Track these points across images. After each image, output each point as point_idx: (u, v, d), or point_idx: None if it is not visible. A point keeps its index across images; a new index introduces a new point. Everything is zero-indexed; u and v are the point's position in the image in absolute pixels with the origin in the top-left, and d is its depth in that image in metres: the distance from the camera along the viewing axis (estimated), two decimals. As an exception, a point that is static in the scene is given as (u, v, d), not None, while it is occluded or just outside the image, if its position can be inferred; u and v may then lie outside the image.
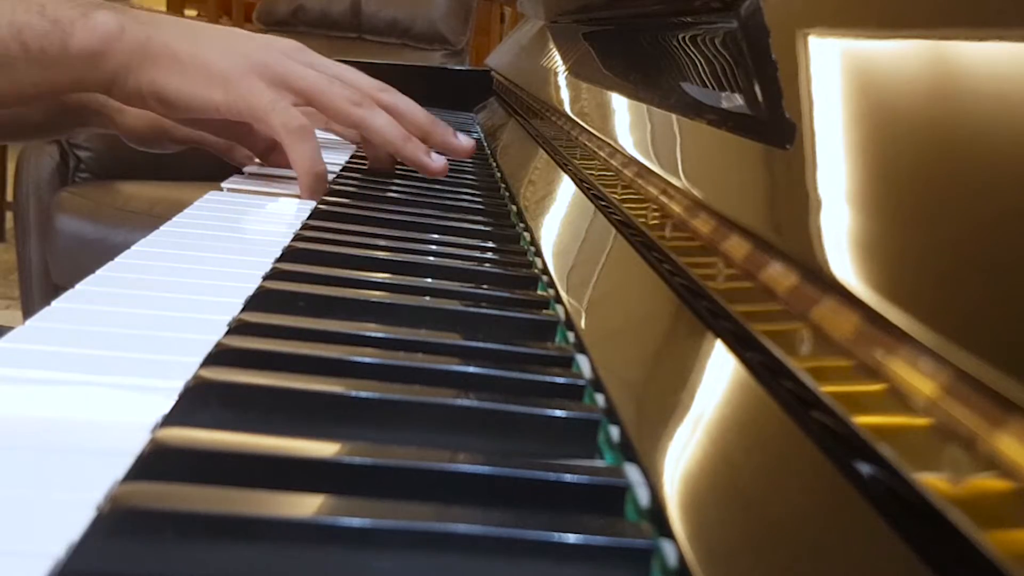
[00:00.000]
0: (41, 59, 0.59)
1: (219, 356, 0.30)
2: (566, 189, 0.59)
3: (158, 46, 0.61)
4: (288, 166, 0.66)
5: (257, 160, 0.78)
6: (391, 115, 0.68)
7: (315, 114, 0.68)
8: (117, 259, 0.42)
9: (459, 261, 0.48)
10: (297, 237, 0.49)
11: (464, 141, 0.73)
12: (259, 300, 0.38)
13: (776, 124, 0.31)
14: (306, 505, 0.22)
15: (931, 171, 0.22)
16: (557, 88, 0.80)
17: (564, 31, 0.98)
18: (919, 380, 0.18)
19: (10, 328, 0.32)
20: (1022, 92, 0.19)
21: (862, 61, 0.28)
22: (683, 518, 0.22)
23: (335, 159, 0.77)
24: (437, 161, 0.69)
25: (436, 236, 0.53)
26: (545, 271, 0.47)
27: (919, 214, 0.21)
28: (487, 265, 0.49)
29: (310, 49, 0.69)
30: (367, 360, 0.31)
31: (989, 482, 0.15)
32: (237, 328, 0.34)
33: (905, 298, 0.20)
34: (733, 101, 0.39)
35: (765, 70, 0.35)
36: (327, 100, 0.65)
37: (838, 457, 0.20)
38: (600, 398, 0.31)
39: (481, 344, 0.35)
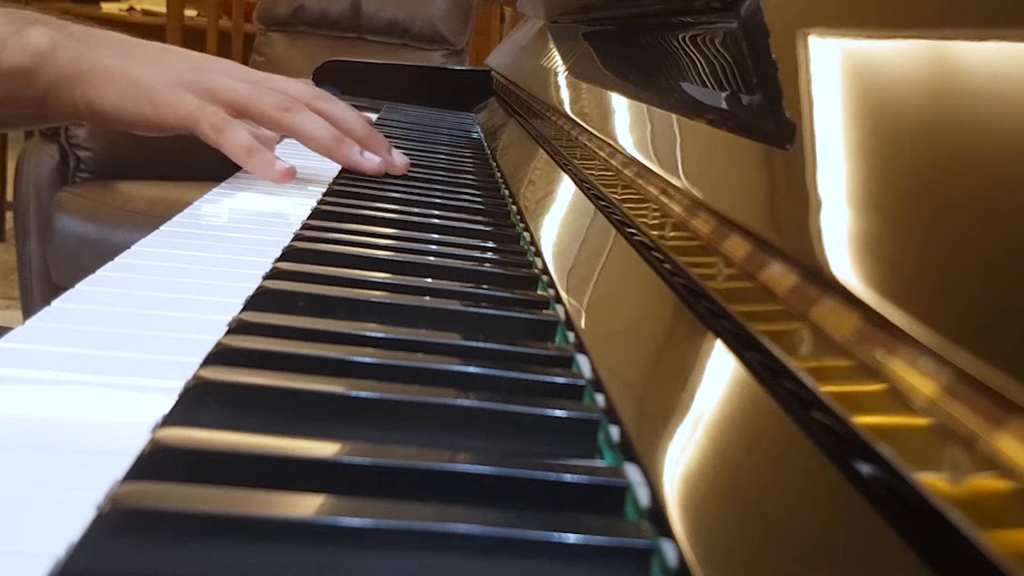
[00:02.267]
0: None
1: (219, 356, 0.30)
2: (566, 189, 0.59)
3: (90, 62, 0.63)
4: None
5: None
6: (327, 118, 0.69)
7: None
8: (117, 259, 0.42)
9: (459, 261, 0.48)
10: (297, 237, 0.49)
11: (399, 159, 0.73)
12: (259, 300, 0.38)
13: (776, 124, 0.31)
14: (306, 505, 0.22)
15: (931, 171, 0.22)
16: (557, 88, 0.80)
17: (564, 31, 0.98)
18: (919, 380, 0.18)
19: (10, 328, 0.32)
20: (1022, 92, 0.19)
21: (862, 61, 0.28)
22: (683, 518, 0.22)
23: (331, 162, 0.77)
24: (370, 160, 0.69)
25: (436, 236, 0.53)
26: (545, 271, 0.47)
27: (919, 214, 0.21)
28: (487, 265, 0.49)
29: (247, 67, 0.71)
30: (367, 360, 0.31)
31: (989, 482, 0.15)
32: (237, 328, 0.34)
33: (905, 298, 0.20)
34: (733, 101, 0.39)
35: (765, 70, 0.35)
36: (256, 108, 0.66)
37: (838, 457, 0.20)
38: (600, 398, 0.31)
39: (481, 344, 0.35)
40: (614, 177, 0.48)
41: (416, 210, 0.60)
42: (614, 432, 0.28)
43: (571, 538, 0.22)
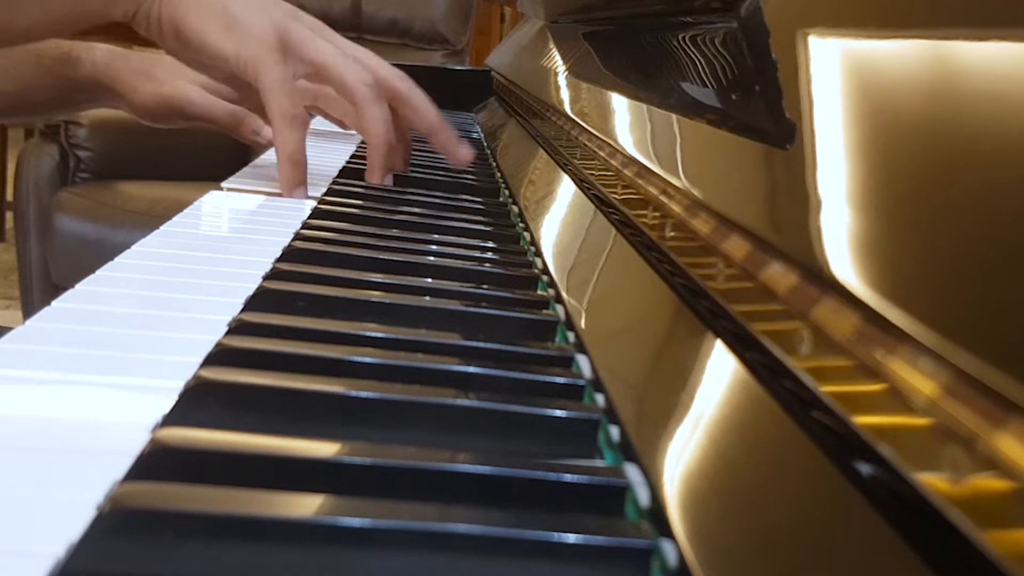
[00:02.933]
0: None
1: (219, 356, 0.30)
2: (566, 189, 0.59)
3: None
4: None
5: (260, 138, 0.78)
6: (405, 104, 0.68)
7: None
8: (117, 259, 0.42)
9: (459, 261, 0.48)
10: (297, 237, 0.49)
11: (465, 152, 0.73)
12: (259, 300, 0.38)
13: (776, 124, 0.31)
14: (306, 505, 0.22)
15: (931, 171, 0.22)
16: (557, 88, 0.80)
17: (564, 31, 0.98)
18: (919, 380, 0.18)
19: (10, 328, 0.32)
20: (1022, 92, 0.19)
21: (862, 61, 0.28)
22: (683, 518, 0.22)
23: (332, 160, 0.77)
24: (387, 180, 0.68)
25: (436, 236, 0.53)
26: (545, 271, 0.47)
27: (919, 214, 0.21)
28: (487, 265, 0.49)
29: (337, 33, 0.69)
30: (367, 360, 0.31)
31: (989, 482, 0.15)
32: (237, 328, 0.34)
33: (905, 298, 0.20)
34: (733, 101, 0.39)
35: (765, 70, 0.35)
36: (337, 73, 0.65)
37: (838, 457, 0.20)
38: (600, 398, 0.31)
39: (481, 344, 0.35)
40: (614, 177, 0.48)
41: (416, 210, 0.60)
42: (614, 432, 0.28)
43: (571, 538, 0.22)
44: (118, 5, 0.62)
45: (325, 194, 0.64)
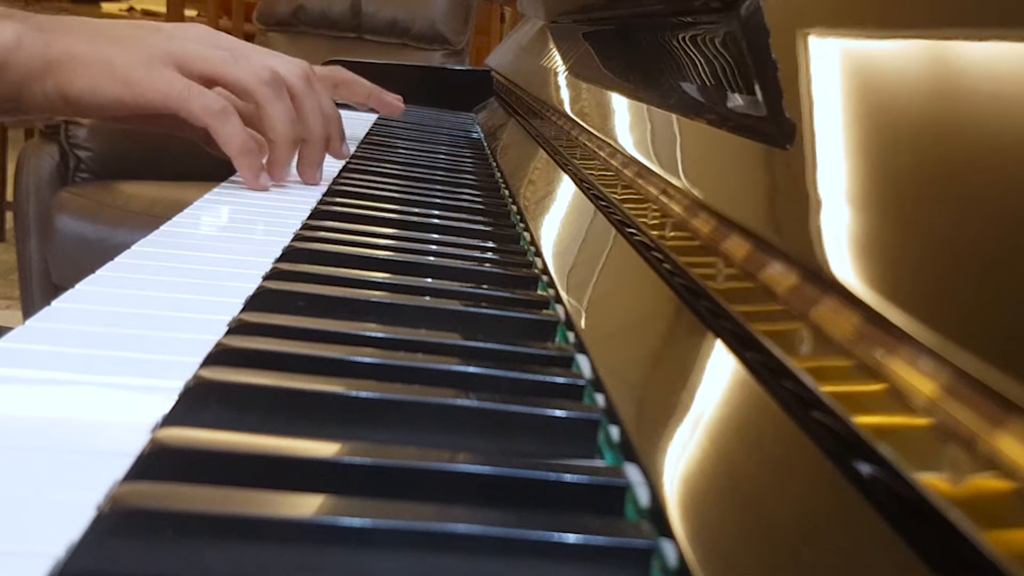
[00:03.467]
0: None
1: (219, 356, 0.30)
2: (566, 189, 0.59)
3: (57, 51, 0.61)
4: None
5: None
6: (338, 83, 0.67)
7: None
8: (117, 259, 0.42)
9: (459, 261, 0.48)
10: (297, 237, 0.49)
11: (397, 101, 0.73)
12: (259, 300, 0.38)
13: (776, 124, 0.31)
14: (306, 505, 0.22)
15: (931, 171, 0.22)
16: (557, 88, 0.80)
17: (564, 31, 0.98)
18: (919, 380, 0.18)
19: (10, 328, 0.32)
20: (1022, 92, 0.19)
21: (862, 61, 0.28)
22: (683, 518, 0.22)
23: (332, 160, 0.77)
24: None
25: (436, 236, 0.53)
26: (545, 271, 0.47)
27: (919, 214, 0.21)
28: (487, 265, 0.49)
29: (226, 35, 0.68)
30: (367, 360, 0.31)
31: (989, 482, 0.15)
32: (237, 328, 0.34)
33: (905, 298, 0.20)
34: (733, 101, 0.39)
35: (765, 70, 0.35)
36: (232, 77, 0.64)
37: (838, 457, 0.20)
38: (600, 398, 0.31)
39: (481, 344, 0.35)
40: (614, 177, 0.48)
41: (416, 210, 0.60)
42: (614, 432, 0.28)
43: (571, 538, 0.22)
44: None
45: (325, 194, 0.64)
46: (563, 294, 0.42)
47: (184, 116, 0.62)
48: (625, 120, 0.54)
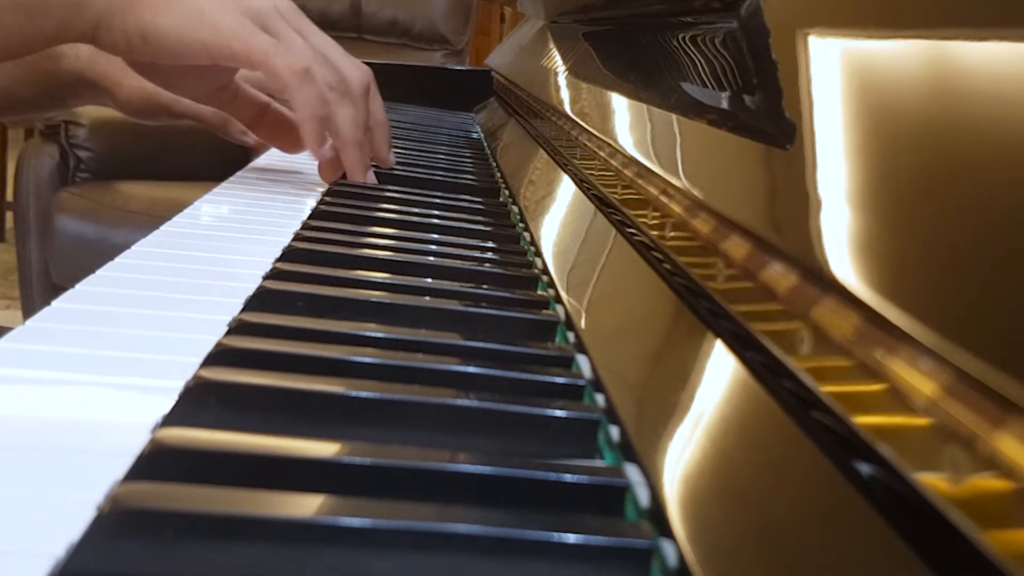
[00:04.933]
0: (25, 4, 0.58)
1: (219, 356, 0.30)
2: (566, 189, 0.59)
3: None
4: (275, 143, 0.63)
5: (248, 138, 0.77)
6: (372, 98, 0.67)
7: None
8: (117, 259, 0.42)
9: (459, 261, 0.48)
10: (297, 237, 0.49)
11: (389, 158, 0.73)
12: (259, 300, 0.38)
13: (776, 124, 0.31)
14: (306, 505, 0.22)
15: (931, 171, 0.22)
16: (557, 88, 0.80)
17: (564, 31, 0.98)
18: (919, 380, 0.18)
19: (10, 328, 0.32)
20: (1022, 92, 0.19)
21: (862, 61, 0.28)
22: (683, 518, 0.22)
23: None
24: (370, 179, 0.67)
25: (436, 236, 0.53)
26: (545, 271, 0.47)
27: (919, 214, 0.21)
28: (487, 265, 0.49)
29: (312, 24, 0.67)
30: (367, 360, 0.31)
31: (989, 482, 0.15)
32: (237, 328, 0.34)
33: (905, 298, 0.20)
34: (733, 101, 0.39)
35: (765, 70, 0.35)
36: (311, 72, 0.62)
37: (838, 457, 0.20)
38: (600, 398, 0.31)
39: (481, 344, 0.35)
40: (614, 177, 0.48)
41: (416, 210, 0.60)
42: (614, 432, 0.28)
43: (571, 538, 0.22)
44: (74, 27, 0.60)
45: (325, 194, 0.64)
46: (563, 294, 0.42)
47: (265, 71, 0.61)
48: (625, 120, 0.54)
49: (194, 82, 0.68)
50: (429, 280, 0.43)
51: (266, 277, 0.41)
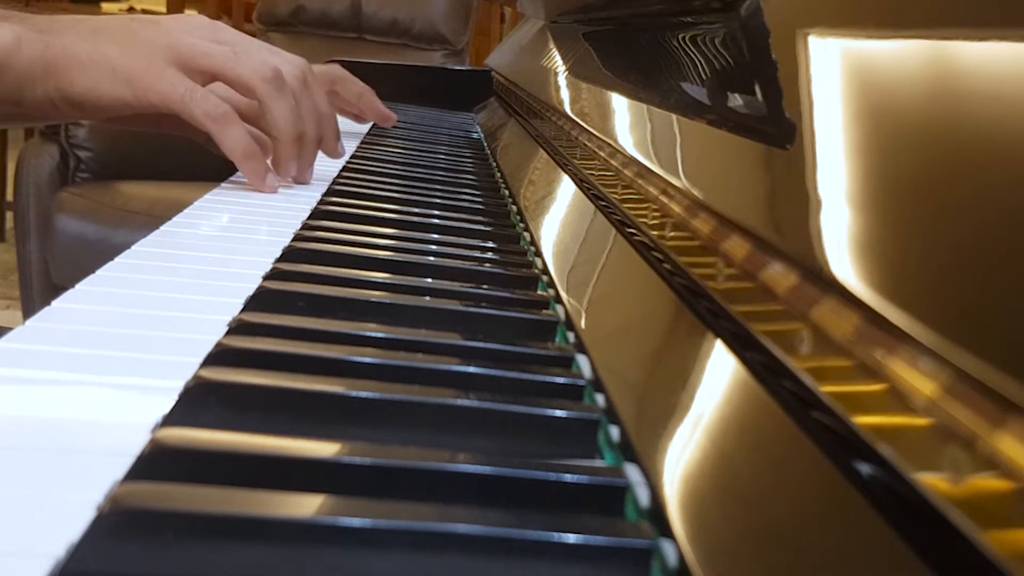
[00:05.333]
0: None
1: (219, 356, 0.30)
2: (566, 189, 0.59)
3: (57, 52, 0.60)
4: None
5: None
6: (335, 79, 0.67)
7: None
8: (117, 259, 0.42)
9: (459, 261, 0.48)
10: (297, 237, 0.49)
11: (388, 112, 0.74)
12: (259, 300, 0.38)
13: (776, 124, 0.31)
14: (306, 505, 0.22)
15: (931, 171, 0.22)
16: (557, 88, 0.80)
17: (564, 31, 0.98)
18: (919, 380, 0.18)
19: (10, 328, 0.32)
20: (1022, 92, 0.19)
21: (862, 61, 0.28)
22: (683, 518, 0.22)
23: (332, 160, 0.77)
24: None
25: (436, 236, 0.53)
26: (545, 271, 0.47)
27: (919, 214, 0.21)
28: (487, 265, 0.49)
29: (225, 26, 0.67)
30: (367, 360, 0.31)
31: (989, 482, 0.15)
32: (237, 328, 0.34)
33: (905, 298, 0.20)
34: (733, 101, 0.39)
35: (765, 70, 0.35)
36: (233, 73, 0.63)
37: (838, 457, 0.20)
38: (600, 398, 0.31)
39: (481, 344, 0.35)
40: (614, 177, 0.48)
41: (416, 210, 0.60)
42: (614, 432, 0.28)
43: (571, 538, 0.22)
44: None
45: (325, 194, 0.64)
46: (563, 294, 0.42)
47: (186, 119, 0.62)
48: (625, 120, 0.54)
49: (151, 122, 0.68)
50: (429, 280, 0.43)
51: (266, 277, 0.41)
